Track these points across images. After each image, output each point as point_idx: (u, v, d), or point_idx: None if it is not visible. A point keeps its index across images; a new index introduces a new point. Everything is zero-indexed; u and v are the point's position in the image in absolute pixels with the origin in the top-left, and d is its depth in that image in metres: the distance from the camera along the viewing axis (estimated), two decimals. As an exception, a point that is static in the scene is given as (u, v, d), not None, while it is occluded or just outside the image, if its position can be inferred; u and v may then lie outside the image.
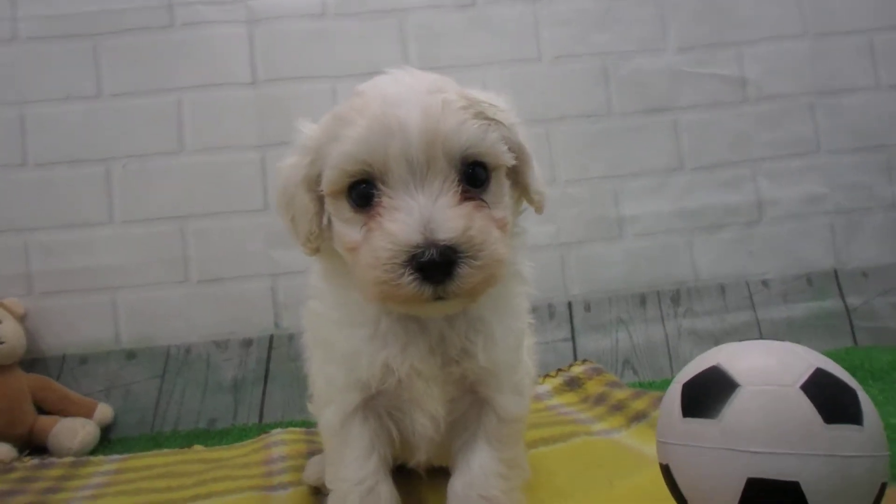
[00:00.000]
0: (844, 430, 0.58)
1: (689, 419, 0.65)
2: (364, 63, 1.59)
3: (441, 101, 0.62)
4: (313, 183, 0.68)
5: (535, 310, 1.63)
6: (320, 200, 0.69)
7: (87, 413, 1.47)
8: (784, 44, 1.72)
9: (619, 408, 1.23)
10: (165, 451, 1.32)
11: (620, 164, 1.68)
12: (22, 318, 1.52)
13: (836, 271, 1.70)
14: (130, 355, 1.57)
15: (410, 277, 0.58)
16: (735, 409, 0.61)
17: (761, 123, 1.70)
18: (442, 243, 0.58)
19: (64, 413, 1.46)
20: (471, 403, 0.75)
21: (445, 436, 0.75)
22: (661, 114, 1.70)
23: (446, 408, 0.73)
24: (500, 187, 0.67)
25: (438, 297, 0.59)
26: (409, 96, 0.62)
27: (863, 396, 0.62)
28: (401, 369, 0.69)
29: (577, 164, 1.67)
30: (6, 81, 1.58)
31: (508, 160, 0.66)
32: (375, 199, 0.62)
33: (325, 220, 0.69)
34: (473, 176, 0.64)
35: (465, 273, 0.59)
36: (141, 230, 1.59)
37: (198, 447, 1.33)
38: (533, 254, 1.62)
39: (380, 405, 0.73)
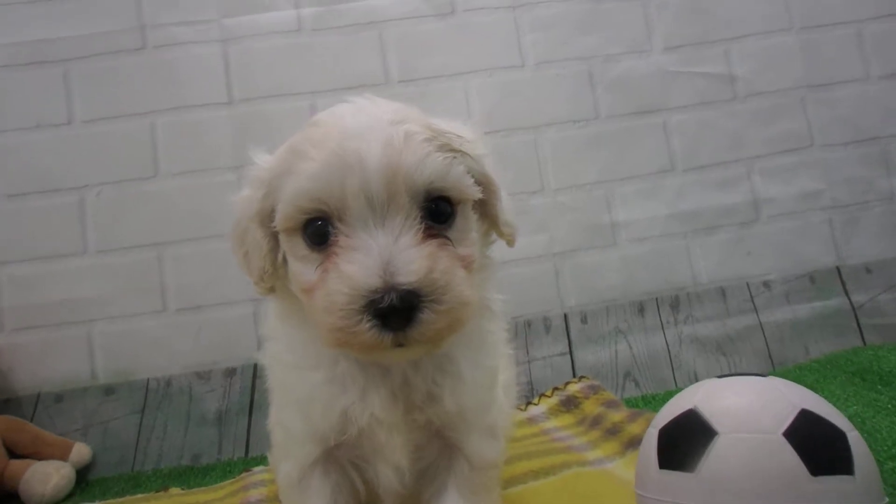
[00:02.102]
0: (834, 482, 0.55)
1: (665, 471, 0.63)
2: (344, 77, 1.62)
3: (403, 132, 0.60)
4: (267, 218, 0.66)
5: (530, 324, 1.69)
6: (275, 237, 0.67)
7: (63, 454, 1.45)
8: (772, 39, 1.76)
9: (613, 432, 1.23)
10: (139, 496, 1.30)
11: (611, 169, 1.71)
12: (-6, 357, 1.52)
13: (838, 268, 1.72)
14: (109, 391, 1.57)
15: (368, 324, 0.56)
16: (713, 460, 0.58)
17: (753, 121, 1.73)
18: (403, 287, 0.56)
19: (38, 455, 1.44)
20: (440, 450, 0.73)
21: (413, 486, 0.73)
22: (651, 115, 1.73)
23: (411, 457, 0.70)
24: (466, 222, 0.65)
25: (399, 344, 0.57)
26: (369, 128, 0.60)
27: (854, 439, 0.59)
28: (360, 419, 0.67)
29: (567, 170, 1.70)
30: (-25, 111, 1.60)
31: (475, 193, 0.64)
32: (332, 237, 0.61)
33: (279, 258, 0.67)
34: (437, 211, 0.62)
35: (428, 319, 0.57)
36: (116, 259, 1.60)
37: (174, 490, 1.31)
38: (526, 265, 1.68)
39: (342, 456, 0.71)
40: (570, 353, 1.64)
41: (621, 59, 1.73)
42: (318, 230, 0.61)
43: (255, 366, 1.59)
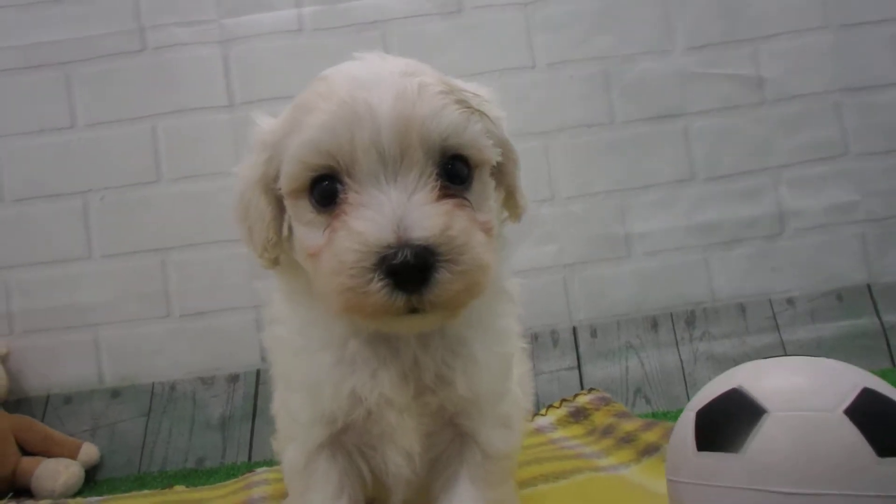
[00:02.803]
0: (903, 465, 0.49)
1: (704, 453, 0.59)
2: (346, 79, 1.59)
3: (417, 84, 0.58)
4: (271, 182, 0.64)
5: (537, 337, 1.66)
6: (279, 204, 0.65)
7: (72, 453, 1.50)
8: (804, 38, 1.67)
9: (627, 440, 1.21)
10: (146, 491, 1.35)
11: (626, 178, 1.66)
12: (5, 359, 1.58)
13: (869, 286, 1.65)
14: (115, 394, 1.62)
15: (380, 284, 0.54)
16: (762, 440, 0.54)
17: (782, 127, 1.66)
18: (417, 243, 0.53)
19: (48, 454, 1.50)
20: (451, 438, 0.71)
21: (424, 475, 0.71)
22: (670, 121, 1.67)
23: (423, 443, 0.69)
24: (484, 187, 0.63)
25: (413, 310, 0.55)
26: (380, 79, 0.58)
27: None
28: (370, 398, 0.65)
29: (579, 178, 1.65)
30: (-24, 116, 1.63)
31: (494, 156, 0.63)
32: (341, 197, 0.58)
33: (285, 229, 0.65)
34: (454, 172, 0.60)
35: (444, 279, 0.54)
36: (120, 265, 1.63)
37: (178, 487, 1.35)
38: (534, 277, 1.66)
39: (349, 441, 0.70)
40: (579, 367, 1.62)
41: (639, 60, 1.66)
42: (326, 190, 0.59)
43: (258, 372, 1.62)
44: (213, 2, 1.63)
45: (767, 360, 0.65)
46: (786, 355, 1.60)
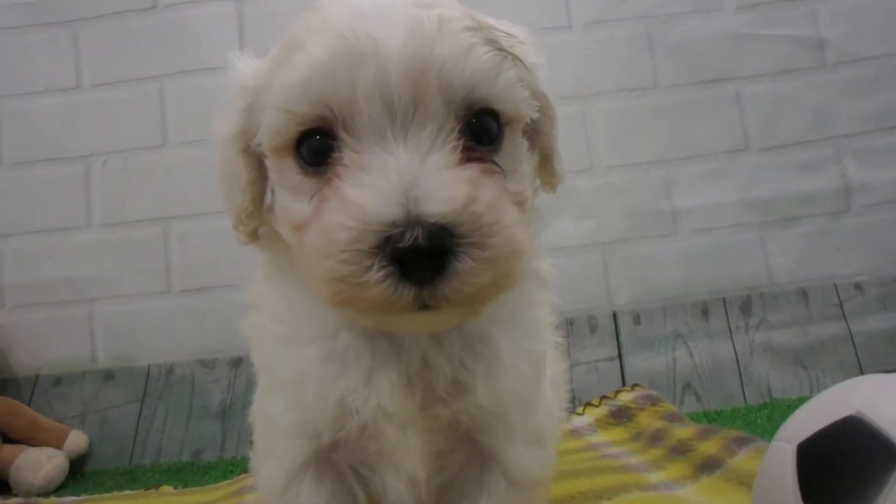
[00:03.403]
0: None
1: None
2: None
3: (437, 16, 0.47)
4: (251, 137, 0.53)
5: (572, 323, 1.53)
6: (259, 165, 0.55)
7: (58, 442, 1.42)
8: (870, -4, 1.58)
9: (681, 451, 1.06)
10: (129, 492, 1.26)
11: (672, 147, 1.56)
12: (-7, 334, 1.50)
13: (949, 270, 1.51)
14: (108, 376, 1.54)
15: (382, 273, 0.42)
16: None
17: (845, 93, 1.56)
18: (432, 221, 0.42)
19: (32, 441, 1.42)
20: (468, 459, 0.59)
21: None
22: (720, 85, 1.58)
23: (430, 466, 0.57)
24: (517, 150, 0.52)
25: (424, 305, 0.44)
26: (389, 8, 0.48)
27: None
28: (364, 409, 0.53)
29: (620, 147, 1.56)
30: (-19, 75, 1.61)
31: (530, 111, 0.51)
32: (335, 155, 0.47)
33: (268, 196, 0.55)
34: (480, 129, 0.49)
35: (467, 269, 0.43)
36: (121, 235, 1.57)
37: (166, 488, 1.26)
38: (569, 255, 1.53)
39: (339, 459, 0.58)
40: (620, 358, 1.51)
41: (685, 19, 1.58)
42: (316, 147, 0.48)
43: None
44: (228, -43, 1.60)
45: (887, 375, 0.52)
46: (855, 352, 1.49)
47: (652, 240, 1.55)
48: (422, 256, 0.42)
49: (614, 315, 1.53)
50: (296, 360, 0.55)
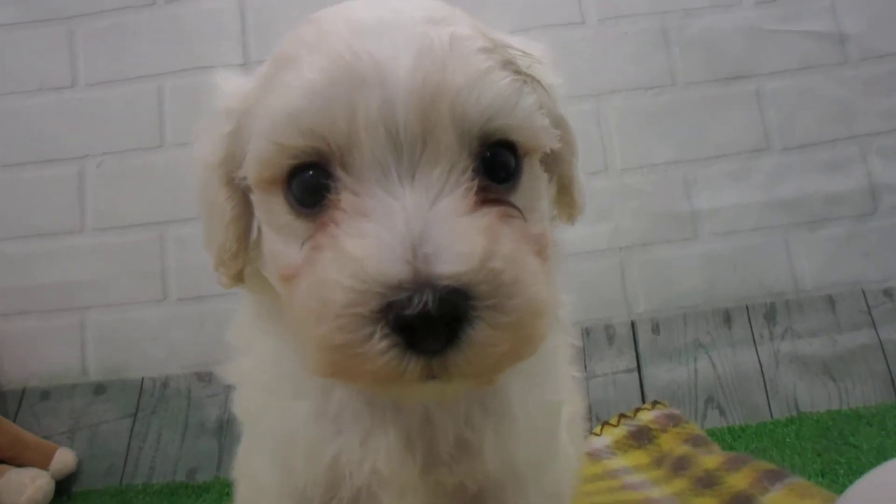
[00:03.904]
0: None
1: None
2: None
3: (449, 36, 0.42)
4: (235, 167, 0.48)
5: (589, 333, 1.47)
6: (245, 199, 0.49)
7: (44, 461, 1.36)
8: (892, -11, 1.57)
9: (708, 483, 1.00)
10: None
11: (691, 146, 1.53)
12: (-22, 344, 1.45)
13: (985, 274, 1.47)
14: (99, 389, 1.48)
15: (385, 343, 0.37)
16: None
17: (869, 89, 1.52)
18: (444, 283, 0.37)
19: (16, 460, 1.35)
20: None
21: None
22: (741, 82, 1.54)
23: None
24: (536, 184, 0.47)
25: (431, 376, 0.39)
26: (395, 24, 0.43)
27: None
28: (358, 473, 0.48)
29: (637, 147, 1.53)
30: (-26, 73, 1.59)
31: (551, 141, 0.47)
32: (331, 196, 0.42)
33: (254, 231, 0.50)
34: (496, 164, 0.43)
35: (483, 338, 0.38)
36: (115, 239, 1.52)
37: None
38: (585, 261, 1.48)
39: None
40: (639, 369, 1.45)
41: (703, 14, 1.55)
42: (310, 184, 0.43)
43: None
44: (231, -49, 1.59)
45: None
46: (886, 362, 1.44)
47: (671, 244, 1.51)
48: (432, 325, 0.37)
49: (633, 324, 1.48)
50: (285, 414, 0.51)
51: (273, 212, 0.45)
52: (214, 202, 0.50)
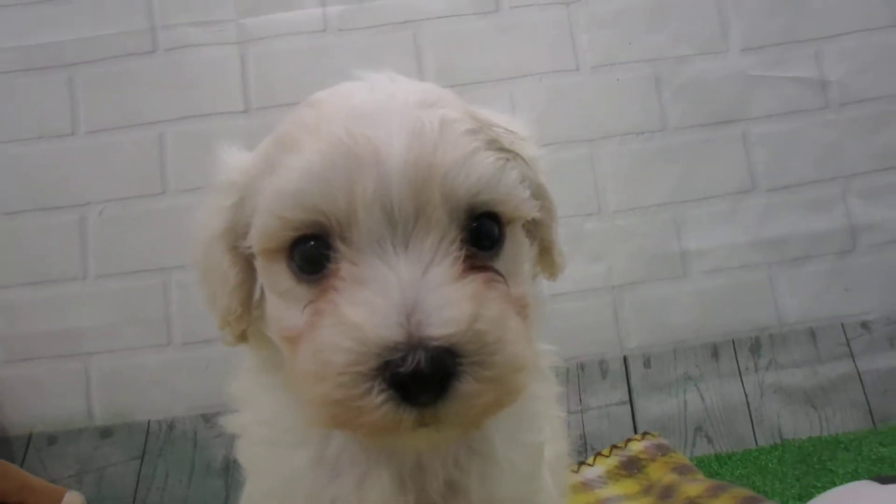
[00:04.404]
0: None
1: None
2: (372, 83, 1.53)
3: (438, 119, 0.47)
4: (239, 236, 0.52)
5: (583, 367, 1.54)
6: (248, 265, 0.53)
7: None
8: (872, 37, 1.61)
9: None
10: None
11: (681, 189, 1.58)
12: (-17, 392, 1.46)
13: (957, 309, 1.55)
14: (105, 433, 1.51)
15: (381, 397, 0.42)
16: None
17: (851, 132, 1.59)
18: (434, 344, 0.41)
19: None
20: None
21: None
22: (728, 126, 1.60)
23: None
24: (518, 249, 0.52)
25: (424, 424, 0.43)
26: (389, 110, 0.47)
27: None
28: None
29: (629, 189, 1.58)
30: (-26, 120, 1.59)
31: (532, 210, 0.52)
32: (330, 265, 0.46)
33: (256, 292, 0.54)
34: (481, 233, 0.48)
35: (470, 391, 0.42)
36: (118, 286, 1.54)
37: None
38: (579, 299, 1.54)
39: None
40: (631, 402, 1.52)
41: (693, 61, 1.60)
42: (311, 253, 0.47)
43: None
44: (231, 0, 1.59)
45: (886, 488, 0.53)
46: (864, 391, 1.51)
47: (662, 282, 1.56)
48: (424, 381, 0.41)
49: (625, 359, 1.54)
50: (285, 463, 0.55)
51: (276, 278, 0.50)
52: (218, 269, 0.54)
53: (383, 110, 0.47)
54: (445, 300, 0.43)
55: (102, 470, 1.47)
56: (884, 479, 0.53)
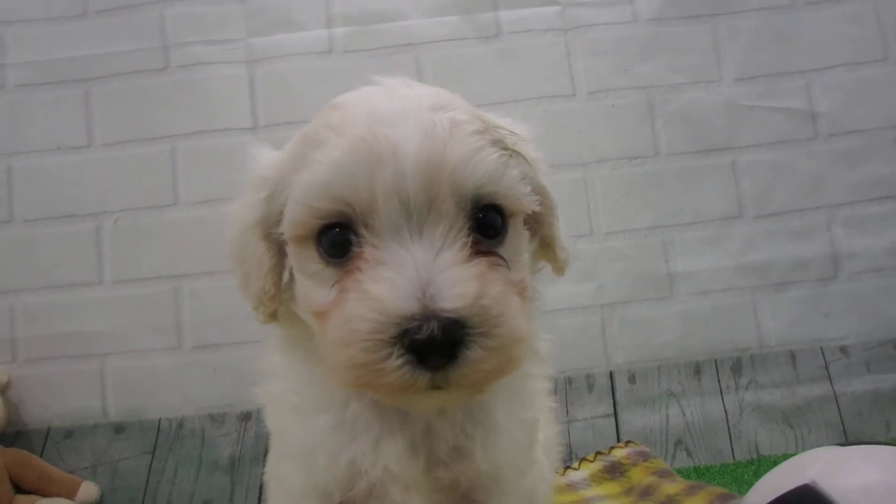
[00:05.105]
0: None
1: None
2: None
3: (448, 120, 0.54)
4: (272, 225, 0.59)
5: (571, 381, 1.63)
6: (280, 250, 0.60)
7: (70, 493, 1.48)
8: (861, 71, 1.66)
9: None
10: None
11: (670, 213, 1.64)
12: (5, 388, 1.56)
13: (931, 336, 1.61)
14: (119, 429, 1.60)
15: (400, 360, 0.49)
16: None
17: (837, 163, 1.64)
18: (446, 315, 0.48)
19: (44, 492, 1.47)
20: None
21: None
22: (718, 154, 1.65)
23: None
24: (519, 240, 0.59)
25: (436, 387, 0.50)
26: (406, 112, 0.54)
27: None
28: (372, 471, 0.60)
29: (620, 213, 1.64)
30: (-6, 132, 1.65)
31: (531, 204, 0.58)
32: (355, 249, 0.53)
33: (286, 276, 0.61)
34: (486, 223, 0.55)
35: (476, 357, 0.49)
36: (132, 291, 1.62)
37: None
38: (570, 316, 1.63)
39: None
40: (615, 415, 1.59)
41: (686, 90, 1.66)
42: (337, 239, 0.54)
43: (272, 410, 1.58)
44: (240, 21, 1.65)
45: (846, 448, 0.58)
46: (839, 413, 1.57)
47: (649, 302, 1.63)
48: (437, 347, 0.48)
49: (611, 374, 1.62)
50: (308, 428, 0.62)
51: (306, 262, 0.57)
52: (254, 255, 0.61)
53: (400, 112, 0.54)
54: (455, 279, 0.50)
55: (116, 463, 1.56)
56: (844, 445, 0.60)
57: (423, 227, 0.52)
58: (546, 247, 0.66)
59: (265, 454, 1.59)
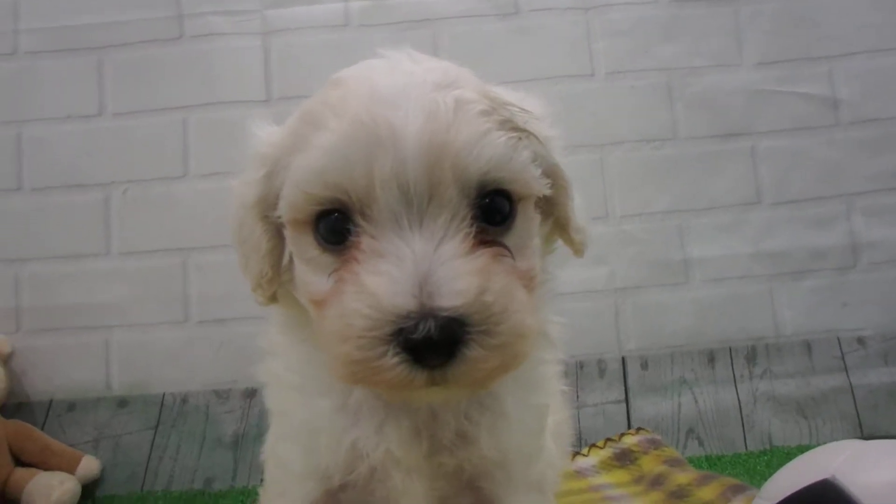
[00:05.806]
0: None
1: None
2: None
3: (453, 100, 0.51)
4: (270, 206, 0.58)
5: (582, 366, 1.63)
6: (278, 233, 0.59)
7: (70, 466, 1.48)
8: (885, 58, 1.66)
9: (680, 495, 1.17)
10: None
11: (687, 198, 1.64)
12: (7, 359, 1.56)
13: (951, 328, 1.61)
14: (122, 403, 1.60)
15: (396, 359, 0.47)
16: None
17: (857, 151, 1.64)
18: (444, 314, 0.46)
19: (44, 465, 1.47)
20: None
21: None
22: (737, 139, 1.65)
23: None
24: (528, 225, 0.56)
25: (435, 383, 0.49)
26: (408, 91, 0.51)
27: None
28: (374, 453, 0.59)
29: (636, 196, 1.64)
30: (4, 99, 1.65)
31: (542, 188, 0.56)
32: (352, 237, 0.52)
33: (285, 258, 0.59)
34: (492, 209, 0.53)
35: (476, 356, 0.47)
36: (139, 263, 1.63)
37: None
38: (582, 300, 1.63)
39: (347, 499, 0.63)
40: (627, 401, 1.59)
41: (706, 73, 1.66)
42: (334, 226, 0.53)
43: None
44: (256, -8, 1.66)
45: (869, 442, 0.57)
46: (855, 405, 1.57)
47: (663, 288, 1.63)
48: (434, 346, 0.46)
49: (623, 360, 1.62)
50: (310, 409, 0.61)
51: (303, 247, 0.55)
52: (252, 236, 0.60)
53: (402, 92, 0.51)
54: (455, 273, 0.47)
55: (118, 438, 1.57)
56: (866, 438, 0.59)
57: (424, 216, 0.50)
58: (560, 229, 0.64)
59: (269, 432, 1.61)
